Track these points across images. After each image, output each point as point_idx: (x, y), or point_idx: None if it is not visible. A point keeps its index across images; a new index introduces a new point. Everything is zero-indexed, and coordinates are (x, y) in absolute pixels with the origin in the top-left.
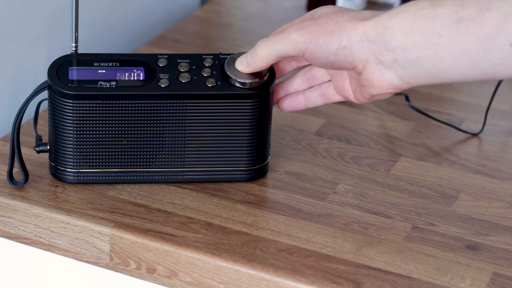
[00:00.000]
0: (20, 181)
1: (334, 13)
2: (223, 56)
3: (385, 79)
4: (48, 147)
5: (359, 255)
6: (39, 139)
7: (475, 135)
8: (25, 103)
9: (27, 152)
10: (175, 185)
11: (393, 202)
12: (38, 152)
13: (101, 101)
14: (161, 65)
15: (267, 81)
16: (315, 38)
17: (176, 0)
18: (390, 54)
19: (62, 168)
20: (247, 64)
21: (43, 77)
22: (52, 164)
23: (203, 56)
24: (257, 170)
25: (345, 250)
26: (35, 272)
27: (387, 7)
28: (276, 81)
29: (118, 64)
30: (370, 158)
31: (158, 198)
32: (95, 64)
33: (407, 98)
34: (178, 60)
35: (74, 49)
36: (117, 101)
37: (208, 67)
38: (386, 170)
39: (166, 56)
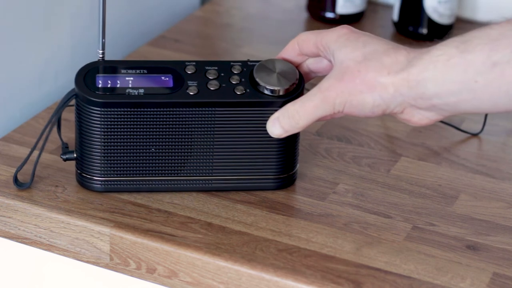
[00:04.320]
0: (25, 182)
1: (356, 65)
2: (251, 63)
3: (424, 118)
4: (75, 155)
5: (359, 255)
6: (65, 146)
7: (475, 135)
8: (56, 112)
9: (27, 152)
10: None
11: (393, 202)
12: (65, 160)
13: (129, 109)
14: (189, 72)
15: (296, 87)
16: (348, 101)
17: (176, 0)
18: (427, 102)
19: (89, 177)
20: (284, 132)
21: (43, 77)
22: (79, 172)
23: (231, 63)
24: (286, 178)
25: (345, 250)
26: (35, 272)
27: (387, 7)
28: None
29: (145, 71)
30: (370, 158)
31: (158, 198)
32: (122, 71)
33: None
34: (206, 67)
35: (101, 55)
36: (145, 109)
37: (236, 74)
38: (386, 170)
39: (194, 63)
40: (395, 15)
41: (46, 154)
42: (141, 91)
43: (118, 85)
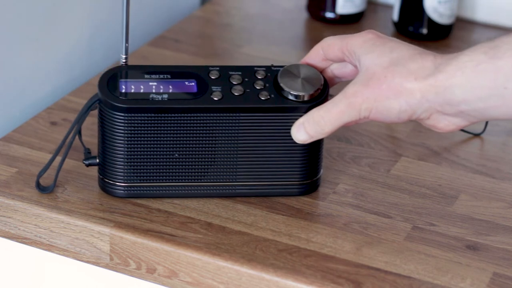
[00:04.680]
0: (47, 186)
1: (382, 70)
2: (275, 68)
3: (451, 124)
4: (97, 161)
5: (359, 255)
6: (87, 152)
7: (475, 135)
8: (79, 118)
9: (27, 152)
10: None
11: (393, 202)
12: (87, 165)
13: (152, 114)
14: (213, 78)
15: (321, 93)
16: (374, 107)
17: (176, 0)
18: (454, 108)
19: (112, 182)
20: (309, 138)
21: (43, 77)
22: (101, 177)
23: (255, 68)
24: (310, 184)
25: (345, 250)
26: (35, 272)
27: (387, 7)
28: None
29: (169, 76)
30: (370, 158)
31: (158, 198)
32: (146, 76)
33: None
34: (230, 72)
35: (124, 60)
36: (169, 114)
37: (260, 79)
38: (386, 170)
39: (217, 68)
40: (395, 15)
41: (46, 154)
42: (165, 96)
43: (141, 90)
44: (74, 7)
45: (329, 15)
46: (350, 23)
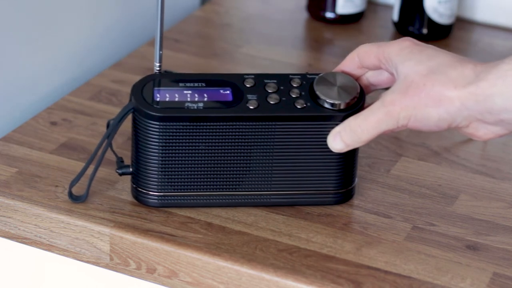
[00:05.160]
0: (80, 195)
1: (421, 78)
2: (310, 76)
3: (490, 132)
4: (131, 170)
5: (359, 255)
6: (120, 161)
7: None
8: (113, 127)
9: (27, 152)
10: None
11: (393, 202)
12: (121, 174)
13: (188, 123)
14: (248, 86)
15: (357, 101)
16: (413, 115)
17: (176, 0)
18: (494, 116)
19: (145, 191)
20: (346, 146)
21: (43, 77)
22: (134, 186)
23: (290, 76)
24: (345, 193)
25: (345, 250)
26: (35, 272)
27: (387, 7)
28: None
29: (204, 85)
30: (370, 158)
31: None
32: (180, 84)
33: None
34: (265, 80)
35: (158, 68)
36: (205, 123)
37: (296, 87)
38: (386, 170)
39: (252, 76)
40: (395, 15)
41: (46, 154)
42: (200, 105)
43: (176, 99)
44: (74, 7)
45: (329, 15)
46: (350, 23)
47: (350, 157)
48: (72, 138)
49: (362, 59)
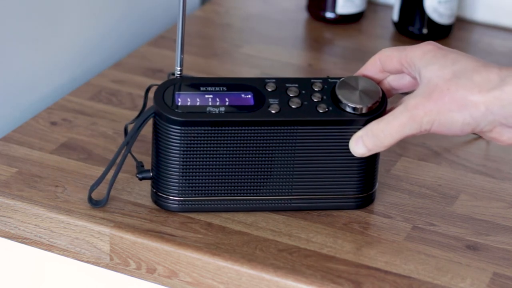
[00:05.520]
0: (99, 200)
1: (445, 82)
2: (332, 80)
3: None
4: (151, 174)
5: (359, 255)
6: (141, 165)
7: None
8: (134, 131)
9: (27, 152)
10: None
11: (393, 202)
12: (141, 179)
13: (209, 128)
14: (269, 90)
15: (379, 105)
16: (437, 120)
17: (176, 0)
18: None
19: (165, 196)
20: (368, 151)
21: (43, 77)
22: (154, 191)
23: (312, 80)
24: (365, 197)
25: (345, 250)
26: (35, 272)
27: (387, 7)
28: None
29: (225, 89)
30: None
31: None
32: (201, 88)
33: None
34: (287, 85)
35: (179, 72)
36: (226, 128)
37: (317, 91)
38: (386, 170)
39: (274, 80)
40: (395, 15)
41: (46, 154)
42: (222, 109)
43: (198, 103)
44: (74, 7)
45: (329, 15)
46: (350, 23)
47: (371, 162)
48: (72, 138)
49: (384, 63)
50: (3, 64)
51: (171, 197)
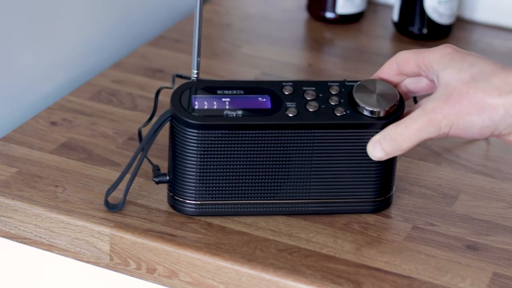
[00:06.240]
0: (116, 203)
1: (463, 86)
2: (349, 83)
3: None
4: (168, 178)
5: (359, 255)
6: (157, 169)
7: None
8: (151, 135)
9: (27, 152)
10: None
11: (393, 202)
12: (157, 183)
13: (227, 131)
14: (286, 93)
15: (397, 109)
16: (455, 123)
17: (176, 0)
18: None
19: (182, 200)
20: (386, 155)
21: (43, 77)
22: (171, 194)
23: (329, 83)
24: (382, 201)
25: (345, 250)
26: (35, 272)
27: (387, 7)
28: None
29: (242, 92)
30: None
31: (159, 198)
32: (218, 92)
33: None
34: (304, 88)
35: (195, 76)
36: (244, 131)
37: (335, 95)
38: None
39: (291, 83)
40: (395, 15)
41: (46, 154)
42: (239, 113)
43: (215, 107)
44: (74, 7)
45: (329, 15)
46: (350, 23)
47: (388, 165)
48: (72, 138)
49: (401, 66)
50: (3, 64)
51: (187, 201)
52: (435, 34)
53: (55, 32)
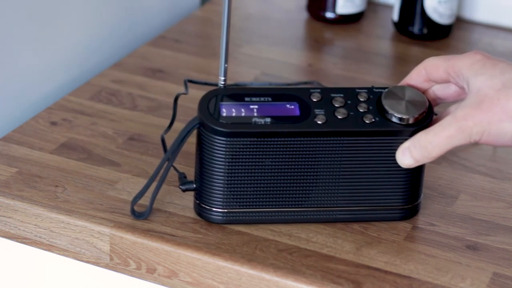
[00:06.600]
0: (142, 212)
1: (495, 93)
2: (377, 90)
3: None
4: (194, 186)
5: (359, 255)
6: (183, 176)
7: None
8: (178, 143)
9: (27, 152)
10: (175, 185)
11: None
12: (184, 191)
13: (255, 139)
14: (314, 100)
15: (425, 116)
16: (487, 130)
17: (176, 0)
18: None
19: (209, 208)
20: (415, 162)
21: (43, 77)
22: (197, 202)
23: (357, 90)
24: (411, 209)
25: (345, 250)
26: (35, 272)
27: (387, 7)
28: None
29: (270, 99)
30: None
31: (158, 198)
32: (246, 99)
33: None
34: (332, 95)
35: (223, 83)
36: (272, 139)
37: (363, 101)
38: None
39: (319, 90)
40: (395, 15)
41: (46, 154)
42: (268, 120)
43: (243, 114)
44: (74, 7)
45: (329, 15)
46: (350, 23)
47: (417, 172)
48: (72, 138)
49: (429, 73)
50: (3, 64)
51: (214, 209)
52: (435, 34)
53: (55, 32)
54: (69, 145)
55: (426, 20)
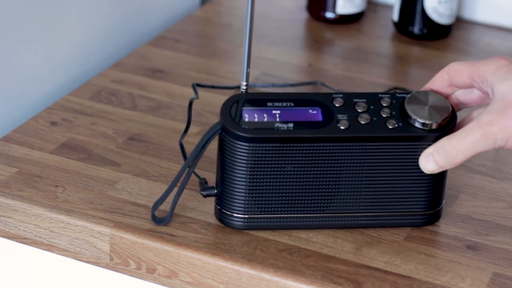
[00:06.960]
0: (162, 217)
1: None
2: (399, 95)
3: None
4: (216, 191)
5: (359, 255)
6: (204, 182)
7: None
8: (200, 148)
9: (27, 152)
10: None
11: None
12: (205, 196)
13: (278, 144)
14: (337, 105)
15: (449, 121)
16: (511, 137)
17: (176, 0)
18: None
19: (230, 213)
20: (438, 168)
21: (43, 77)
22: (218, 208)
23: (380, 95)
24: (432, 214)
25: (345, 250)
26: (35, 272)
27: (387, 7)
28: None
29: (292, 104)
30: None
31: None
32: (268, 104)
33: None
34: (355, 100)
35: (244, 88)
36: (295, 144)
37: (386, 107)
38: None
39: (341, 95)
40: (395, 15)
41: (46, 154)
42: (290, 125)
43: (265, 119)
44: (74, 7)
45: (329, 15)
46: (350, 23)
47: (439, 178)
48: (72, 138)
49: (453, 78)
50: (3, 64)
51: (235, 215)
52: (435, 34)
53: (55, 32)
54: (69, 145)
55: (426, 20)
